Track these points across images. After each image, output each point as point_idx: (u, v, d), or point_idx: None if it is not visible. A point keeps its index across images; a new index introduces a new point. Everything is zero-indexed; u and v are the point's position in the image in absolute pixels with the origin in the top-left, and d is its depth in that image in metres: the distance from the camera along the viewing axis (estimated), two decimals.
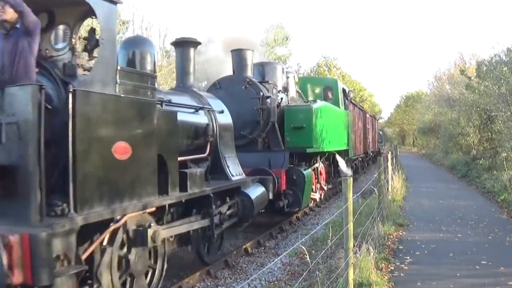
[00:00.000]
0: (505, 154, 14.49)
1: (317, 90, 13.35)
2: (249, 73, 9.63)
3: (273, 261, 6.48)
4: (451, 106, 26.65)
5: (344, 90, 14.31)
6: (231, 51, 9.72)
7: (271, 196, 7.55)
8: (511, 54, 15.80)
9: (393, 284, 5.34)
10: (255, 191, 6.81)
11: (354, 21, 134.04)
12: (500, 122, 17.14)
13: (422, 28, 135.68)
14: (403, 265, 6.08)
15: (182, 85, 6.80)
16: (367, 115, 23.16)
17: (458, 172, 20.66)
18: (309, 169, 9.68)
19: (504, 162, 13.81)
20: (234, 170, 6.78)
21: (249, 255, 7.15)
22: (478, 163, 19.06)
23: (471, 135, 21.85)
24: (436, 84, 38.29)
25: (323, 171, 11.46)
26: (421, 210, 10.60)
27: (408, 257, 6.45)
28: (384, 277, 5.46)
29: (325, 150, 10.76)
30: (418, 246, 7.13)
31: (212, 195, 5.68)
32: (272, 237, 8.32)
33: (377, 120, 34.91)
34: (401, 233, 8.05)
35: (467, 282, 5.40)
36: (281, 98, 9.80)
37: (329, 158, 12.27)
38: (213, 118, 6.51)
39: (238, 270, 6.43)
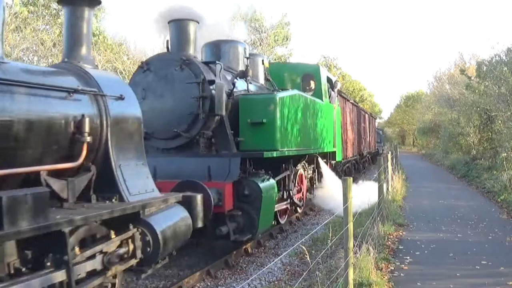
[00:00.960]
0: (505, 154, 14.49)
1: (298, 80, 10.96)
2: (191, 51, 7.21)
3: (273, 261, 6.47)
4: (451, 106, 26.69)
5: (329, 80, 11.96)
6: (168, 22, 7.37)
7: (200, 224, 5.23)
8: (511, 54, 15.81)
9: (393, 284, 5.34)
10: (166, 218, 4.60)
11: (354, 21, 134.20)
12: (500, 122, 17.17)
13: (422, 28, 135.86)
14: (403, 265, 6.09)
15: (68, 58, 4.68)
16: (363, 112, 21.46)
17: (458, 172, 20.70)
18: (271, 180, 7.10)
19: (504, 162, 13.81)
20: (136, 185, 4.50)
21: (249, 255, 7.14)
22: (478, 163, 19.13)
23: (471, 135, 21.88)
24: (436, 84, 38.35)
25: (302, 180, 9.40)
26: (421, 210, 10.61)
27: (408, 257, 6.45)
28: (384, 277, 5.47)
29: (296, 153, 8.20)
30: (418, 246, 7.14)
31: (67, 231, 3.36)
32: (272, 237, 8.31)
33: (375, 119, 31.98)
34: (401, 233, 8.06)
35: (467, 282, 5.40)
36: (233, 84, 7.30)
37: (314, 161, 10.42)
38: (103, 108, 4.36)
39: (238, 270, 6.43)
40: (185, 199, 5.02)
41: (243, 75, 7.84)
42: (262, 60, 9.50)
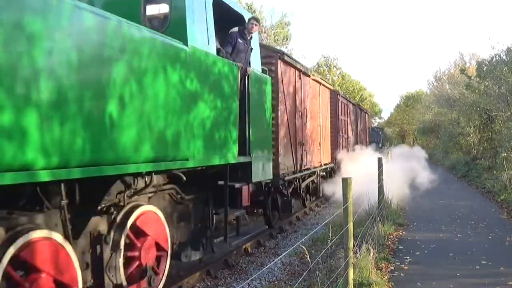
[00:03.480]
0: (505, 154, 14.49)
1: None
2: None
3: (273, 261, 6.47)
4: (451, 106, 26.67)
5: (229, 10, 5.93)
6: None
7: None
8: (511, 54, 15.80)
9: (393, 284, 5.34)
10: None
11: (355, 20, 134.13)
12: (500, 122, 17.18)
13: (422, 28, 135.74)
14: (403, 265, 6.09)
15: None
16: (343, 99, 15.31)
17: (458, 172, 20.73)
18: None
19: (504, 162, 13.81)
20: None
21: (249, 255, 7.14)
22: (478, 163, 19.14)
23: (471, 135, 21.87)
24: (436, 84, 38.32)
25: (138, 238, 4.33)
26: (421, 210, 10.61)
27: (408, 257, 6.45)
28: (384, 277, 5.47)
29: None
30: (418, 246, 7.14)
31: None
32: (272, 237, 8.31)
33: (366, 112, 24.04)
34: (401, 233, 8.06)
35: (467, 282, 5.40)
36: None
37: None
38: None
39: (238, 270, 6.42)
40: None
41: None
42: None
